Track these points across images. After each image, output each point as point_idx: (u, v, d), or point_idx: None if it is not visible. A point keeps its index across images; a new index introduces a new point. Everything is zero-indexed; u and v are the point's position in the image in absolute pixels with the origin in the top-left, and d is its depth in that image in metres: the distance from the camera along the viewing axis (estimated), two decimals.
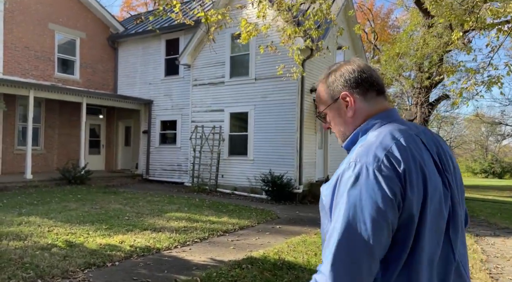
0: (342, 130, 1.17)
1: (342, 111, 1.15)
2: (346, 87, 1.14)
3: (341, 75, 1.16)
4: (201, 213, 7.94)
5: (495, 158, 41.01)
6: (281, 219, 7.93)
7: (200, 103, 12.62)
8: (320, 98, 1.21)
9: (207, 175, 11.97)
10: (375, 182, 0.94)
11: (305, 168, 10.72)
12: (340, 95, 1.15)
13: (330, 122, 1.21)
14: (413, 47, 20.01)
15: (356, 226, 0.92)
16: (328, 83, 1.18)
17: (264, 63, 11.23)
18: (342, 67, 1.18)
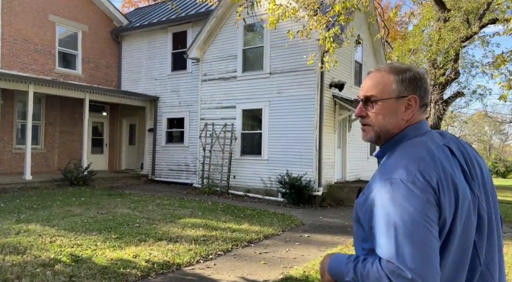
0: (386, 128, 1.17)
1: (399, 111, 1.15)
2: (416, 92, 1.16)
3: (417, 79, 1.17)
4: (218, 219, 7.23)
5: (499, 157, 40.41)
6: (306, 225, 7.22)
7: (210, 99, 11.90)
8: (380, 85, 1.17)
9: (218, 175, 11.26)
10: (412, 195, 0.98)
11: (324, 169, 10.01)
12: (409, 96, 1.16)
13: (372, 112, 1.18)
14: (427, 43, 19.31)
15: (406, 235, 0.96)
16: (401, 79, 1.16)
17: (279, 56, 10.51)
18: (417, 72, 1.18)
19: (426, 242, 0.95)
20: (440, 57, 18.75)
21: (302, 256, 5.13)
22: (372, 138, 1.20)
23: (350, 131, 11.63)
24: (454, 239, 1.01)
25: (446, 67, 18.78)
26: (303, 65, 10.07)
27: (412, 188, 0.99)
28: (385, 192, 1.02)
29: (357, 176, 12.07)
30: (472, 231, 1.04)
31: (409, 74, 1.17)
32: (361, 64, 12.49)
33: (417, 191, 0.98)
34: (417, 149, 1.08)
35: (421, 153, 1.06)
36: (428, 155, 1.05)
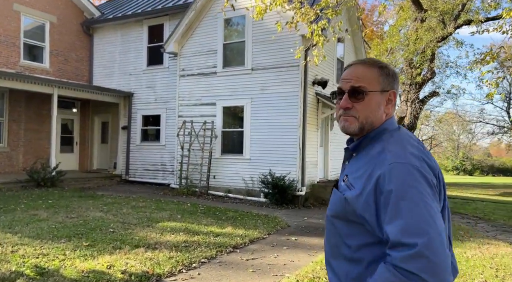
0: (371, 120, 1.18)
1: (382, 104, 1.19)
2: (395, 89, 1.22)
3: (396, 76, 1.23)
4: (199, 222, 6.80)
5: (466, 155, 41.90)
6: (291, 227, 6.91)
7: (189, 96, 11.40)
8: (367, 78, 1.18)
9: (197, 175, 10.79)
10: (424, 180, 1.04)
11: (308, 168, 9.76)
12: (391, 90, 1.20)
13: (359, 104, 1.18)
14: (404, 43, 19.51)
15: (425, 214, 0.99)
16: (385, 73, 1.19)
17: (262, 52, 10.16)
18: (393, 69, 1.23)
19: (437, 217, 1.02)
20: (416, 57, 19.01)
21: (292, 262, 4.80)
22: (356, 130, 1.19)
23: (332, 130, 11.45)
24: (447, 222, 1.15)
25: (422, 67, 19.05)
26: (286, 61, 9.78)
27: (424, 173, 1.04)
28: (395, 178, 1.03)
29: (338, 175, 11.89)
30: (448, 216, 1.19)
31: (390, 70, 1.21)
32: (343, 62, 12.35)
33: (428, 175, 1.05)
34: (410, 139, 1.15)
35: (416, 143, 1.14)
36: (420, 145, 1.14)
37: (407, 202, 1.00)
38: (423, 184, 1.02)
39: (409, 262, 0.95)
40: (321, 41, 6.00)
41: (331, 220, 1.19)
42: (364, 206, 1.07)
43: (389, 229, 1.01)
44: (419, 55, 18.97)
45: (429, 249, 0.94)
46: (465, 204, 11.76)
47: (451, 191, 17.82)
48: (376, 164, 1.08)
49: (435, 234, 0.97)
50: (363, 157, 1.17)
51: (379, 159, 1.09)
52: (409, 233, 0.97)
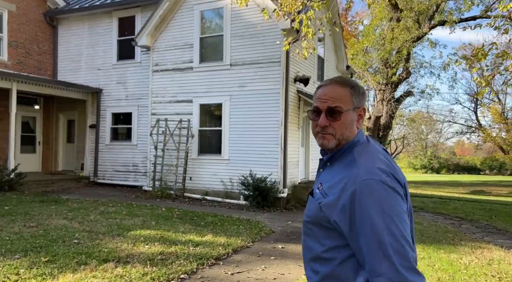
0: (347, 136, 1.28)
1: (355, 121, 1.30)
2: (364, 105, 1.34)
3: (364, 93, 1.34)
4: (176, 230, 6.22)
5: (434, 154, 43.21)
6: (276, 233, 6.46)
7: (163, 92, 10.72)
8: (343, 98, 1.28)
9: (172, 177, 10.14)
10: (395, 193, 1.15)
11: (289, 168, 9.36)
12: (361, 107, 1.32)
13: (336, 123, 1.27)
14: (380, 42, 19.57)
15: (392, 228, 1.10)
16: (357, 92, 1.30)
17: (241, 47, 9.65)
18: (362, 87, 1.33)
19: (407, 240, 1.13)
20: (392, 57, 19.11)
21: (282, 276, 4.34)
22: (333, 146, 1.29)
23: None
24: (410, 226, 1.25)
25: (398, 66, 19.19)
26: (267, 57, 9.33)
27: (393, 186, 1.15)
28: (369, 194, 1.13)
29: None
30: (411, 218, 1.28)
31: (361, 89, 1.32)
32: (324, 59, 12.05)
33: (396, 190, 1.15)
34: (378, 154, 1.26)
35: (384, 157, 1.24)
36: (387, 159, 1.25)
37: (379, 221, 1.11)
38: (393, 195, 1.14)
39: None
40: (310, 32, 5.57)
41: (307, 225, 1.30)
42: (340, 216, 1.17)
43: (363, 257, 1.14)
44: (395, 55, 19.11)
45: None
46: (443, 203, 11.77)
47: (426, 190, 18.01)
48: (350, 177, 1.19)
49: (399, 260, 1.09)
50: (337, 166, 1.28)
51: (352, 172, 1.19)
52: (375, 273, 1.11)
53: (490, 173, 37.73)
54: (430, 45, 19.20)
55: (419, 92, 21.60)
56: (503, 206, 11.99)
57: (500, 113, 27.91)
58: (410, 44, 17.94)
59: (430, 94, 21.18)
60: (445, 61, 20.93)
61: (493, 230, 7.50)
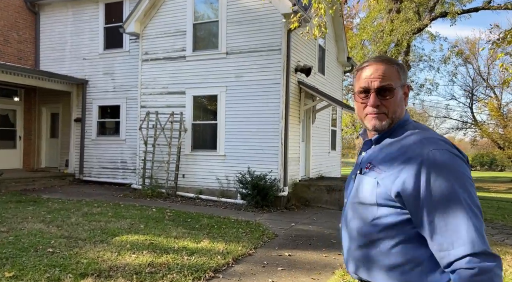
0: (399, 114, 1.23)
1: (403, 98, 1.25)
2: (407, 81, 1.28)
3: (406, 70, 1.29)
4: (168, 234, 5.52)
5: None
6: (280, 238, 5.80)
7: (153, 83, 9.95)
8: (391, 76, 1.23)
9: (163, 174, 9.42)
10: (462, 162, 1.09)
11: (290, 165, 8.70)
12: (407, 85, 1.27)
13: (388, 101, 1.22)
14: (378, 35, 18.98)
15: (469, 195, 1.04)
16: (402, 69, 1.25)
17: (238, 34, 8.93)
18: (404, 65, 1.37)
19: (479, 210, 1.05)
20: (391, 50, 18.54)
21: None
22: (386, 125, 1.23)
23: (314, 123, 10.46)
24: None
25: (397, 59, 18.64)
26: (266, 44, 8.63)
27: (460, 156, 1.09)
28: (439, 164, 1.05)
29: (319, 172, 10.99)
30: None
31: (403, 66, 1.26)
32: (325, 49, 11.39)
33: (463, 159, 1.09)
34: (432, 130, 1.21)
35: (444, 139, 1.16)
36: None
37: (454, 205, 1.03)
38: (463, 164, 1.08)
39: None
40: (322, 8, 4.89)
41: (357, 207, 1.22)
42: (404, 187, 1.09)
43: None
44: (394, 48, 18.56)
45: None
46: None
47: None
48: (413, 149, 1.12)
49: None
50: (390, 143, 1.22)
51: (414, 145, 1.13)
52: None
53: (481, 169, 37.61)
54: (431, 38, 18.71)
55: (418, 86, 21.12)
56: (509, 203, 11.52)
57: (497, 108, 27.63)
58: (410, 36, 17.39)
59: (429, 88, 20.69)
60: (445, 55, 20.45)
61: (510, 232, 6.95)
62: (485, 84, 31.61)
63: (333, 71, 12.34)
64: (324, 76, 11.33)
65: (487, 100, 31.01)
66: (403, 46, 17.24)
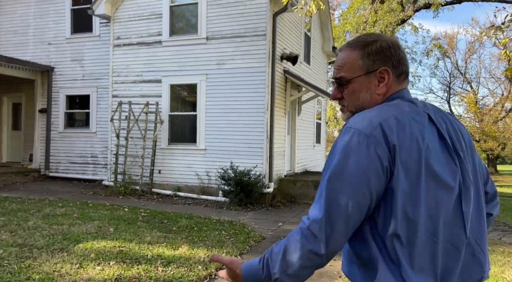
0: (361, 106, 1.07)
1: (372, 86, 1.06)
2: (387, 63, 1.05)
3: (386, 49, 1.06)
4: (141, 239, 4.85)
5: None
6: (267, 240, 5.23)
7: (126, 70, 9.13)
8: (348, 64, 1.08)
9: (137, 170, 8.67)
10: (366, 148, 0.92)
11: (275, 160, 8.14)
12: (379, 69, 1.05)
13: (345, 94, 1.10)
14: (361, 26, 18.64)
15: (339, 185, 0.92)
16: (367, 52, 1.06)
17: (219, 17, 8.24)
18: (386, 41, 1.07)
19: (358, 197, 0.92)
20: None
21: None
22: (346, 120, 1.12)
23: (299, 115, 9.93)
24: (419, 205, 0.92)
25: None
26: (250, 29, 7.98)
27: (369, 142, 0.93)
28: (338, 140, 0.97)
29: (304, 167, 10.50)
30: (447, 198, 0.95)
31: (375, 46, 1.06)
32: (310, 37, 10.84)
33: (372, 144, 0.93)
34: (389, 108, 1.00)
35: (391, 112, 0.98)
36: (398, 115, 0.97)
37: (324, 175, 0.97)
38: (360, 154, 0.93)
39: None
40: None
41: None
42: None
43: None
44: None
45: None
46: None
47: None
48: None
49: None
50: None
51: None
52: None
53: None
54: (414, 30, 18.53)
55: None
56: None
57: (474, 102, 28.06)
58: (394, 28, 17.13)
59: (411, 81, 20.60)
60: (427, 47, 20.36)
61: (510, 229, 6.65)
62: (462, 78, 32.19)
63: (318, 61, 11.83)
64: (310, 66, 10.80)
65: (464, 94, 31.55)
66: None
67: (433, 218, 0.92)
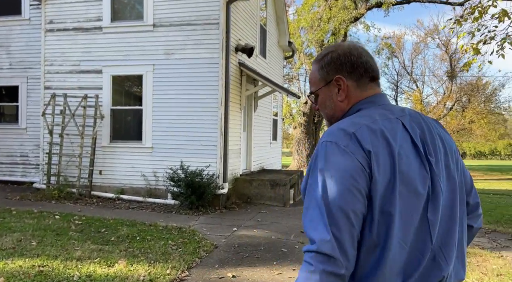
0: (331, 114, 1.15)
1: (334, 94, 1.12)
2: (340, 71, 1.11)
3: (338, 58, 1.11)
4: (69, 254, 4.09)
5: None
6: (220, 249, 4.68)
7: (61, 59, 8.10)
8: (313, 79, 1.16)
9: (74, 171, 7.71)
10: (346, 155, 0.93)
11: (230, 158, 7.61)
12: (334, 78, 1.11)
13: (319, 104, 1.17)
14: (316, 22, 18.61)
15: (329, 195, 0.91)
16: (323, 64, 1.13)
17: (168, 2, 7.52)
18: (339, 49, 1.13)
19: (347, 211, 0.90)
20: (329, 38, 18.30)
21: None
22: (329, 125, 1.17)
23: (256, 111, 9.46)
24: (394, 215, 0.92)
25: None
26: (202, 16, 7.36)
27: (346, 150, 0.94)
28: (318, 155, 0.98)
29: (261, 165, 10.07)
30: (414, 207, 0.95)
31: (327, 58, 1.13)
32: (266, 30, 10.40)
33: (350, 152, 0.94)
34: (361, 118, 1.02)
35: (363, 121, 1.00)
36: (370, 124, 0.99)
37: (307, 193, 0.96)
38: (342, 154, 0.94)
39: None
40: None
41: None
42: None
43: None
44: (331, 36, 18.34)
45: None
46: None
47: None
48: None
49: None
50: None
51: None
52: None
53: None
54: (366, 28, 18.84)
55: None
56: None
57: (420, 100, 29.48)
58: (347, 25, 17.26)
59: None
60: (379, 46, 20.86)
61: None
62: (409, 77, 33.77)
63: (274, 55, 11.44)
64: (266, 60, 10.37)
65: (411, 92, 33.09)
66: (340, 34, 17.04)
67: (404, 224, 0.93)
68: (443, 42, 30.43)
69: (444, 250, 0.99)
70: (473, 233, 1.19)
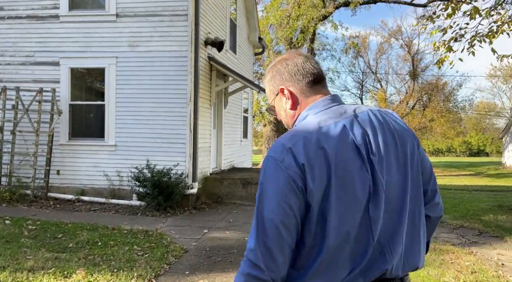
0: (286, 122, 1.22)
1: (284, 103, 1.19)
2: (282, 81, 1.18)
3: (278, 71, 1.19)
4: (19, 264, 3.66)
5: None
6: (191, 253, 4.39)
7: (12, 49, 7.42)
8: (267, 93, 1.25)
9: (28, 171, 7.09)
10: (280, 171, 0.99)
11: (200, 156, 7.29)
12: (279, 88, 1.18)
13: (277, 115, 1.24)
14: (285, 20, 18.56)
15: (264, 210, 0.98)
16: (269, 78, 1.22)
17: None
18: (278, 62, 1.20)
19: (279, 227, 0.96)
20: (298, 36, 18.29)
21: None
22: None
23: (226, 108, 9.18)
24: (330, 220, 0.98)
25: (302, 46, 18.48)
26: (169, 7, 6.99)
27: (281, 166, 0.99)
28: (262, 169, 1.04)
29: (231, 163, 9.82)
30: (354, 207, 1.00)
31: (270, 73, 1.21)
32: (236, 25, 10.13)
33: (284, 168, 0.99)
34: (301, 128, 1.07)
35: (300, 133, 1.04)
36: (307, 135, 1.03)
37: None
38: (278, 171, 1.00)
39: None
40: None
41: None
42: None
43: None
44: (299, 34, 18.35)
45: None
46: None
47: None
48: None
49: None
50: None
51: None
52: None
53: None
54: (334, 27, 19.01)
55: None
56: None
57: (385, 99, 30.33)
58: (316, 23, 17.32)
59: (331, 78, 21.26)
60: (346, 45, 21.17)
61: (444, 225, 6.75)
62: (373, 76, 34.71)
63: (244, 51, 11.20)
64: (236, 55, 10.10)
65: (375, 91, 34.02)
66: (309, 32, 17.07)
67: (344, 224, 0.98)
68: (406, 43, 31.57)
69: (391, 243, 1.03)
70: (433, 222, 1.20)
